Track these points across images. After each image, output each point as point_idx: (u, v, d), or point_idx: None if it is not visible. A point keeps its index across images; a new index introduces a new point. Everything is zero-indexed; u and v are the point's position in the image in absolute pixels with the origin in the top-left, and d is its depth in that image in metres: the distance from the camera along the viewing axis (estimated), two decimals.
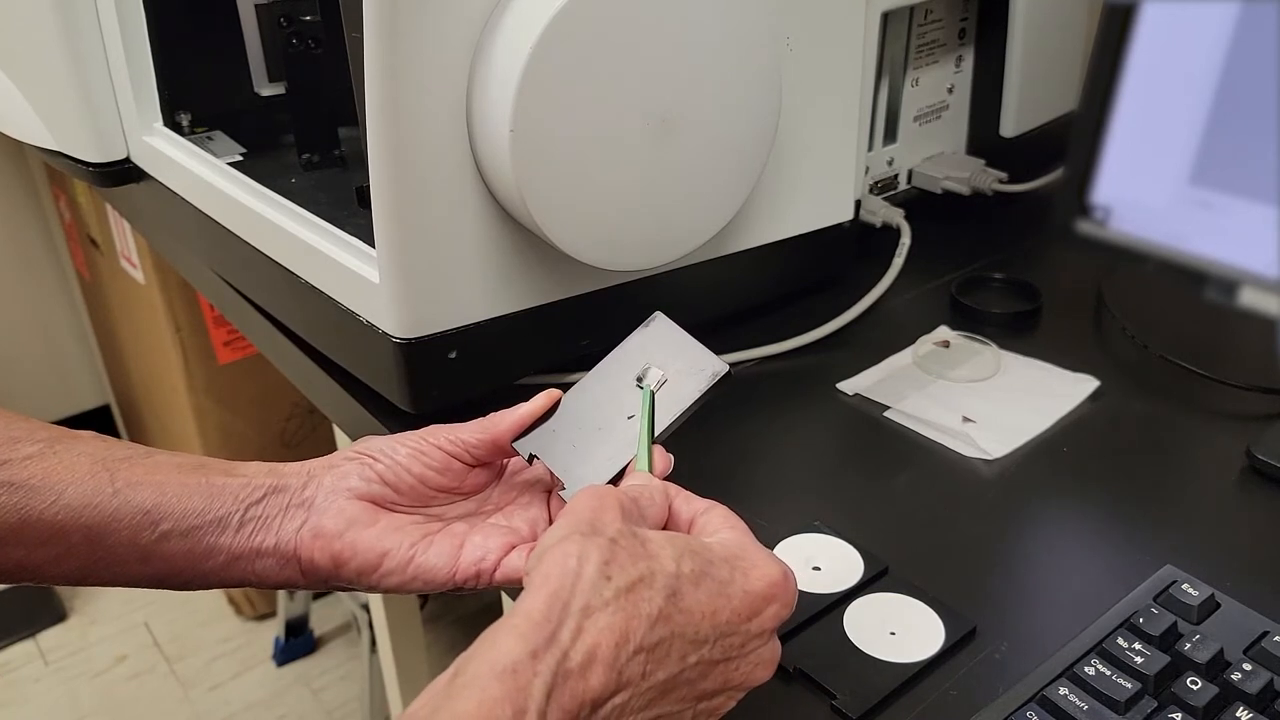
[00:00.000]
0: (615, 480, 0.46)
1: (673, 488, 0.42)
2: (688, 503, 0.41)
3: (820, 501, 0.55)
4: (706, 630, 0.35)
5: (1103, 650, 0.42)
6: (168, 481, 0.43)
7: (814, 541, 0.51)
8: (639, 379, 0.49)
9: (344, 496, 0.44)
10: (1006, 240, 0.81)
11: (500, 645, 0.32)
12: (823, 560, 0.50)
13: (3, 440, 0.42)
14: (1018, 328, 0.70)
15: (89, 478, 0.42)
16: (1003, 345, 0.67)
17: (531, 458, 0.46)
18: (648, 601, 0.34)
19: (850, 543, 0.51)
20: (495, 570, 0.44)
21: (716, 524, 0.40)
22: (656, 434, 0.46)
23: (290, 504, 0.44)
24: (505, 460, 0.48)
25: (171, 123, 0.73)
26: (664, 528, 0.40)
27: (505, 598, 0.72)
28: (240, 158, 0.71)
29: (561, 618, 0.33)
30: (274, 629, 1.61)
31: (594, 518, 0.36)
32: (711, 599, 0.35)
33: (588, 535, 0.35)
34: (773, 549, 0.51)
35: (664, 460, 0.46)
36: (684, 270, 0.63)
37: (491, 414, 0.46)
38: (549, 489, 0.48)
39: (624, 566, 0.34)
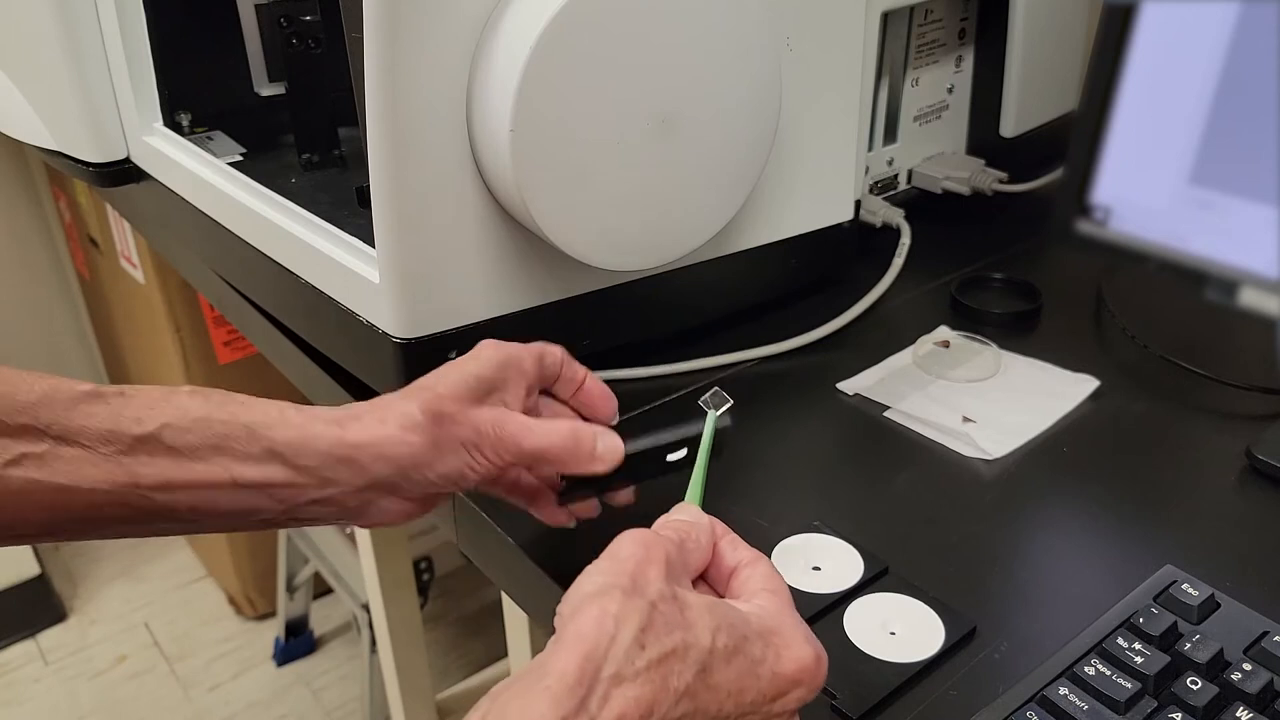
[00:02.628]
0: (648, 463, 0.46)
1: (720, 527, 0.41)
2: (733, 549, 0.40)
3: (820, 501, 0.55)
4: (730, 709, 0.35)
5: (1103, 650, 0.42)
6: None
7: (814, 541, 0.51)
8: (703, 401, 0.49)
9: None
10: (1006, 240, 0.81)
11: (532, 708, 0.31)
12: (823, 560, 0.50)
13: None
14: (1018, 328, 0.70)
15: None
16: (1003, 345, 0.67)
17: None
18: (678, 675, 0.34)
19: (850, 543, 0.51)
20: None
21: (758, 583, 0.39)
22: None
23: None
24: None
25: (171, 123, 0.73)
26: (705, 572, 0.40)
27: (505, 598, 0.72)
28: (240, 158, 0.71)
29: (592, 684, 0.32)
30: (274, 629, 1.61)
31: (637, 572, 0.35)
32: (740, 678, 0.35)
33: (628, 594, 0.34)
34: (772, 549, 0.51)
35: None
36: (684, 270, 0.63)
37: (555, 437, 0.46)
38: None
39: (659, 636, 0.34)
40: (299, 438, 0.43)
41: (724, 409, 0.49)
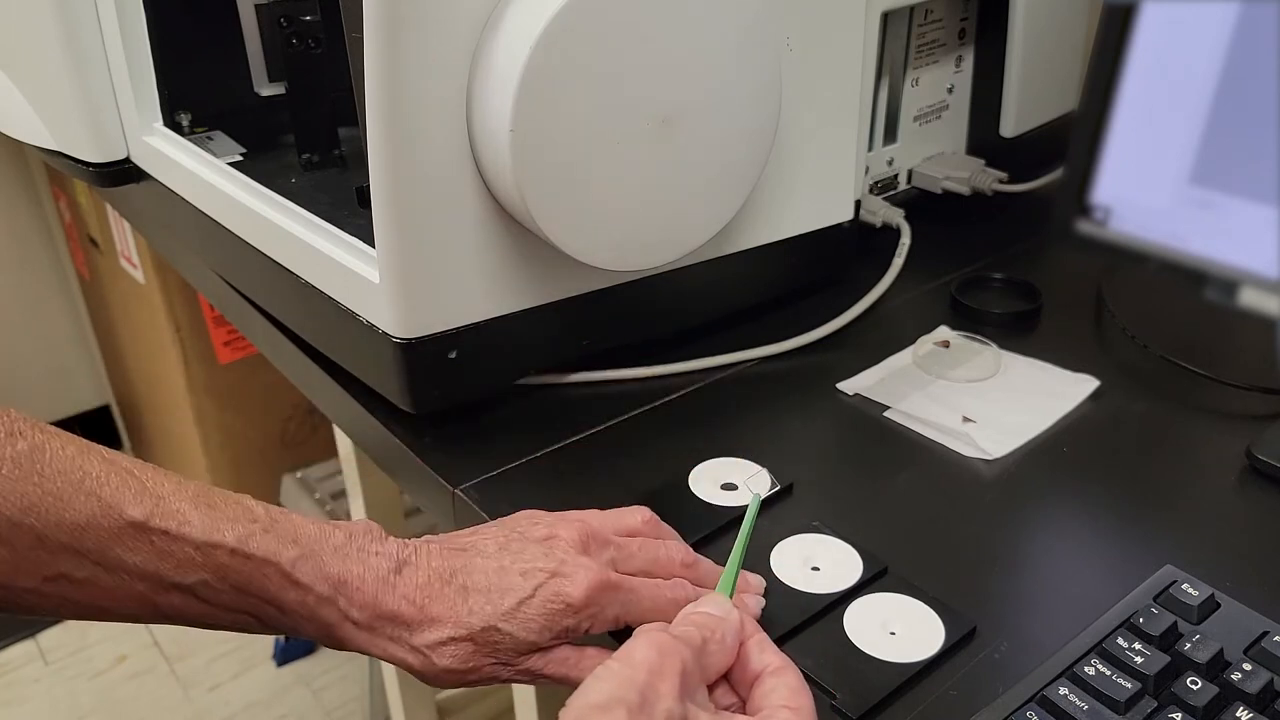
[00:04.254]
0: None
1: (750, 625, 0.39)
2: (760, 652, 0.38)
3: (820, 501, 0.55)
4: None
5: (1103, 650, 0.42)
6: None
7: (814, 542, 0.51)
8: (725, 485, 0.49)
9: None
10: (1006, 240, 0.81)
11: None
12: (822, 560, 0.50)
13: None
14: (1018, 328, 0.70)
15: None
16: (1003, 345, 0.67)
17: None
18: None
19: (850, 543, 0.51)
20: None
21: (781, 698, 0.37)
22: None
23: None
24: None
25: (171, 123, 0.73)
26: (728, 673, 0.38)
27: None
28: (240, 158, 0.71)
29: None
30: None
31: (647, 685, 0.33)
32: None
33: (634, 714, 0.32)
34: (772, 549, 0.51)
35: (754, 587, 0.45)
36: (684, 270, 0.63)
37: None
38: None
39: None
40: (331, 631, 0.43)
41: (771, 492, 0.48)
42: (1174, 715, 0.39)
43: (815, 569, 0.50)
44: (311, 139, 0.72)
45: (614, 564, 0.45)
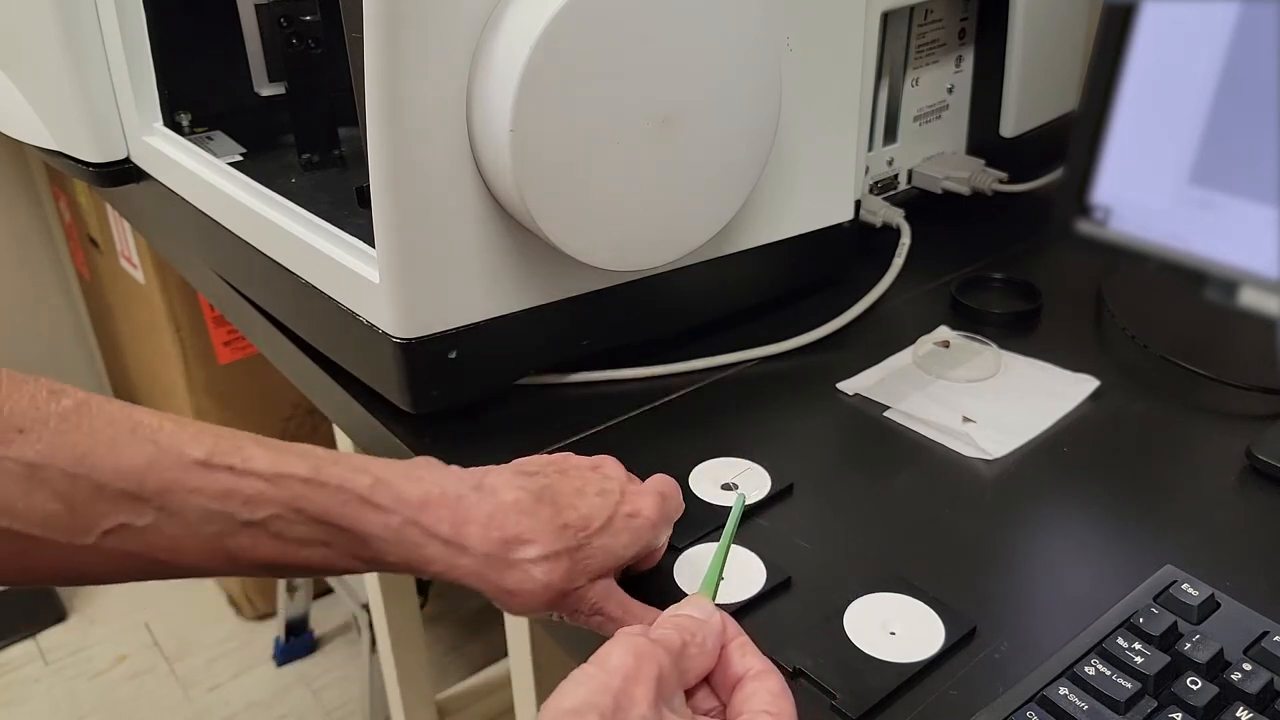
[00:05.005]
0: None
1: (732, 628, 0.39)
2: (742, 655, 0.38)
3: (820, 501, 0.55)
4: None
5: (1103, 650, 0.42)
6: None
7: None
8: (725, 485, 0.48)
9: None
10: (1006, 240, 0.81)
11: None
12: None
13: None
14: (1018, 328, 0.70)
15: None
16: (1003, 345, 0.67)
17: None
18: None
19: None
20: None
21: (761, 703, 0.36)
22: None
23: None
24: None
25: (171, 123, 0.73)
26: (709, 676, 0.38)
27: None
28: (240, 158, 0.71)
29: None
30: (274, 629, 1.61)
31: (621, 690, 0.33)
32: None
33: (607, 718, 0.32)
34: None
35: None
36: (684, 270, 0.63)
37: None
38: None
39: None
40: (414, 559, 0.42)
41: (767, 493, 0.49)
42: (1174, 715, 0.39)
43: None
44: (311, 139, 0.72)
45: None
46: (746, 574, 0.50)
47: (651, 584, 0.49)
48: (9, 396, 0.36)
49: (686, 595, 0.42)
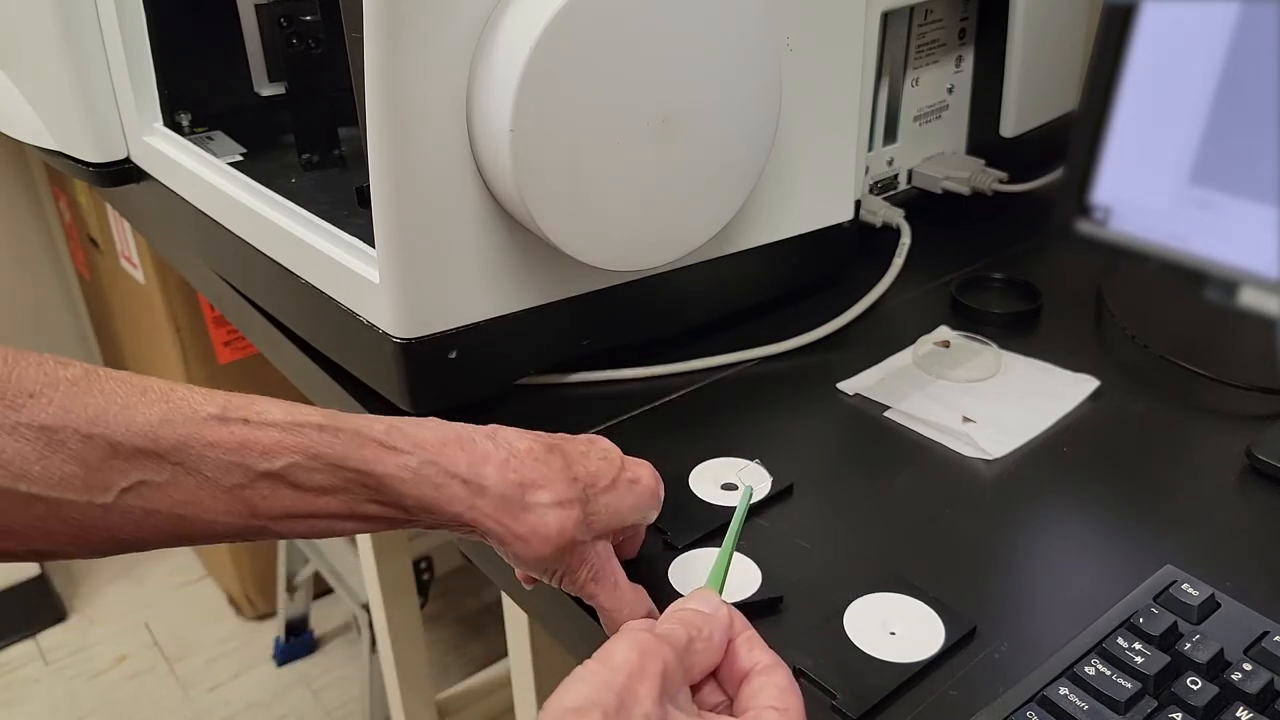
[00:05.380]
0: None
1: (740, 622, 0.38)
2: (749, 650, 0.37)
3: (820, 501, 0.55)
4: None
5: (1103, 650, 0.42)
6: None
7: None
8: (725, 485, 0.48)
9: None
10: (1006, 240, 0.81)
11: None
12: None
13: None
14: (1018, 328, 0.70)
15: None
16: (1003, 345, 0.67)
17: None
18: None
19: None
20: None
21: (769, 698, 0.35)
22: None
23: None
24: None
25: (171, 123, 0.73)
26: (716, 670, 0.38)
27: (505, 598, 0.72)
28: (240, 158, 0.71)
29: None
30: (274, 629, 1.61)
31: (625, 688, 0.32)
32: None
33: (610, 717, 0.31)
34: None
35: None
36: (684, 270, 0.63)
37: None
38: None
39: None
40: (433, 500, 0.41)
41: (769, 491, 0.48)
42: (1174, 715, 0.39)
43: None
44: (311, 139, 0.72)
45: None
46: (746, 574, 0.50)
47: (652, 584, 0.49)
48: (15, 365, 0.36)
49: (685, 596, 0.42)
